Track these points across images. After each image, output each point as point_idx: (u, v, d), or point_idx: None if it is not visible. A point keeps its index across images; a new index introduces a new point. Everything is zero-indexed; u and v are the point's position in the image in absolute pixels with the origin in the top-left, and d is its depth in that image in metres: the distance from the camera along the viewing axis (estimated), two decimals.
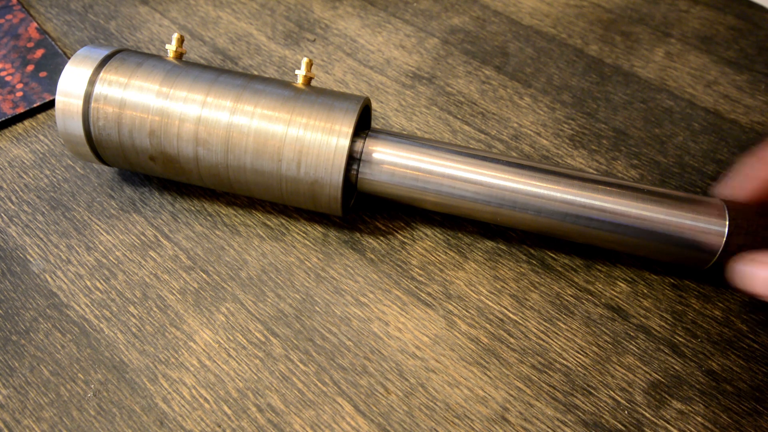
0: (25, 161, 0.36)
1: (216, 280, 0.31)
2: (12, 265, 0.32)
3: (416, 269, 0.32)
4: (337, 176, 0.29)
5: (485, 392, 0.28)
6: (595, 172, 0.34)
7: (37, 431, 0.26)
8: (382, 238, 0.33)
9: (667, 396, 0.28)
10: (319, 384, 0.28)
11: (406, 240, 0.33)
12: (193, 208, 0.34)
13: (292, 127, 0.29)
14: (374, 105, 0.40)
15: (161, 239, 0.33)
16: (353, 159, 0.30)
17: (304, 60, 0.31)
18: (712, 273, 0.32)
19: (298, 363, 0.28)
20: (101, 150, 0.31)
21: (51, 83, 0.40)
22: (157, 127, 0.30)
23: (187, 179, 0.32)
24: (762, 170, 0.31)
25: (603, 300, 0.31)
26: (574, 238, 0.30)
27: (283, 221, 0.34)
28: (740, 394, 0.28)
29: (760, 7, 0.49)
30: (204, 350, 0.29)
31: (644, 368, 0.29)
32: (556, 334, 0.30)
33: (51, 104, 0.39)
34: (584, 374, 0.28)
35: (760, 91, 0.42)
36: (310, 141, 0.29)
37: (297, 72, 0.31)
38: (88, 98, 0.30)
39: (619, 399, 0.28)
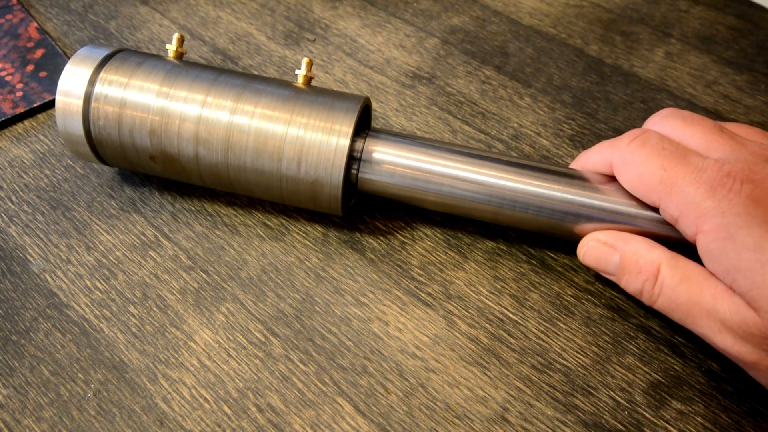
0: (25, 161, 0.36)
1: (216, 280, 0.31)
2: (12, 265, 0.32)
3: (416, 269, 0.32)
4: (338, 176, 0.29)
5: (485, 392, 0.28)
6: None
7: (37, 431, 0.26)
8: (382, 238, 0.33)
9: (667, 396, 0.28)
10: (319, 384, 0.28)
11: (406, 240, 0.33)
12: (193, 208, 0.34)
13: (293, 126, 0.29)
14: (374, 105, 0.40)
15: (161, 239, 0.33)
16: (353, 159, 0.30)
17: (304, 60, 0.31)
18: None
19: (298, 363, 0.28)
20: (101, 150, 0.31)
21: (51, 83, 0.40)
22: (158, 127, 0.30)
23: (188, 179, 0.32)
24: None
25: (603, 300, 0.31)
26: (574, 238, 0.30)
27: (283, 221, 0.34)
28: (740, 394, 0.28)
29: (760, 7, 0.49)
30: (204, 350, 0.29)
31: (644, 368, 0.29)
32: (556, 334, 0.30)
33: (51, 104, 0.39)
34: (584, 374, 0.28)
35: (760, 91, 0.42)
36: (310, 140, 0.29)
37: (297, 72, 0.31)
38: (88, 98, 0.30)
39: (619, 399, 0.28)
